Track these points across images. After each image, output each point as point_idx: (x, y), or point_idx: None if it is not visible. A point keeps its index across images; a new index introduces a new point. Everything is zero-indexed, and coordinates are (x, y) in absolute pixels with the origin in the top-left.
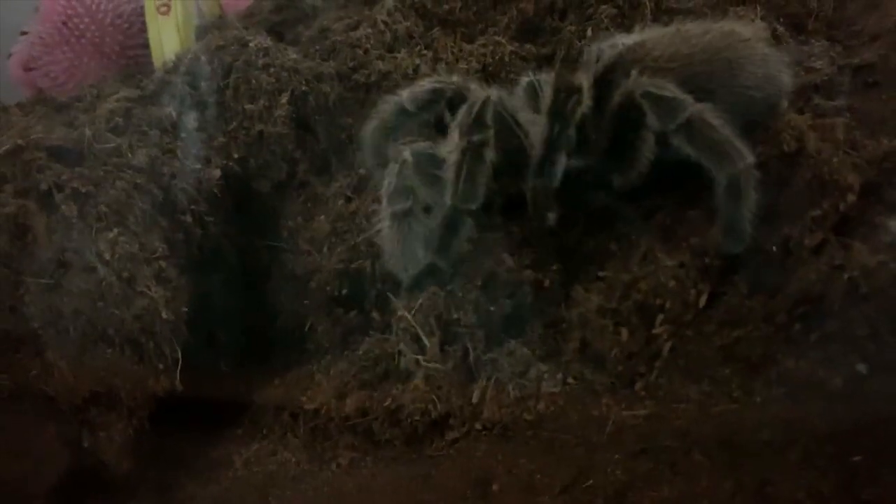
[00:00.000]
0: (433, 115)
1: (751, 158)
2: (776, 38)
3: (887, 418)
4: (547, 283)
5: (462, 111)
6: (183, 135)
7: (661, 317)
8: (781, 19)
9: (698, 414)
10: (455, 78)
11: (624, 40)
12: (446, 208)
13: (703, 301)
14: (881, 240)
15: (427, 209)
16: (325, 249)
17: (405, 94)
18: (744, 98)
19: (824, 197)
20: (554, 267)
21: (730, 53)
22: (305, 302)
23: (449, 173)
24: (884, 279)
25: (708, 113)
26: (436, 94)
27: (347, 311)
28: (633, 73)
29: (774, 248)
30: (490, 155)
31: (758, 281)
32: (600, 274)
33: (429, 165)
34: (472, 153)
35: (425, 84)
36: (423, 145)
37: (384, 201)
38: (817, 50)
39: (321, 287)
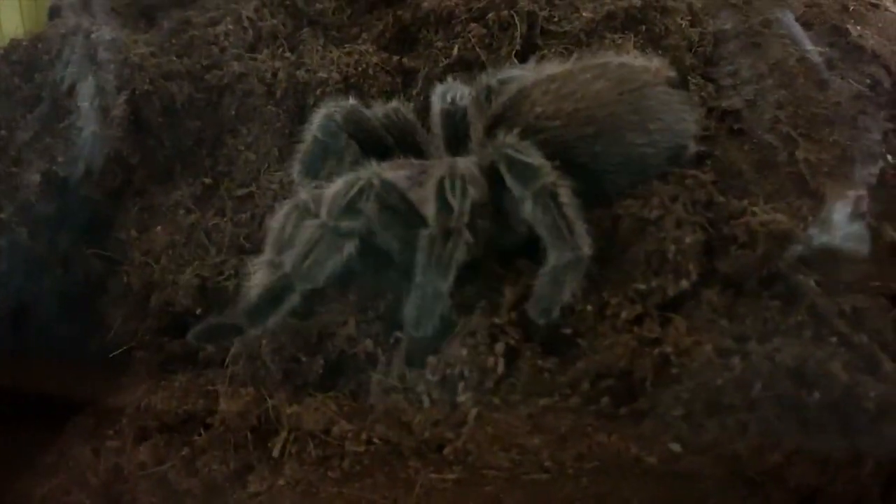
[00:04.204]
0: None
1: (586, 250)
2: None
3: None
4: (383, 357)
5: (337, 186)
6: (2, 132)
7: (462, 384)
8: (660, 51)
9: (509, 482)
10: (350, 101)
11: (518, 75)
12: (277, 275)
13: (500, 368)
14: (704, 315)
15: None
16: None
17: (313, 124)
18: (635, 155)
19: (658, 274)
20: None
21: (620, 108)
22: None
23: (298, 246)
24: (697, 360)
25: (562, 188)
26: (329, 120)
27: (174, 338)
28: (500, 134)
29: (589, 308)
30: (350, 248)
31: (558, 343)
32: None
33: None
34: (328, 238)
35: (320, 110)
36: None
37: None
38: (691, 88)
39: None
